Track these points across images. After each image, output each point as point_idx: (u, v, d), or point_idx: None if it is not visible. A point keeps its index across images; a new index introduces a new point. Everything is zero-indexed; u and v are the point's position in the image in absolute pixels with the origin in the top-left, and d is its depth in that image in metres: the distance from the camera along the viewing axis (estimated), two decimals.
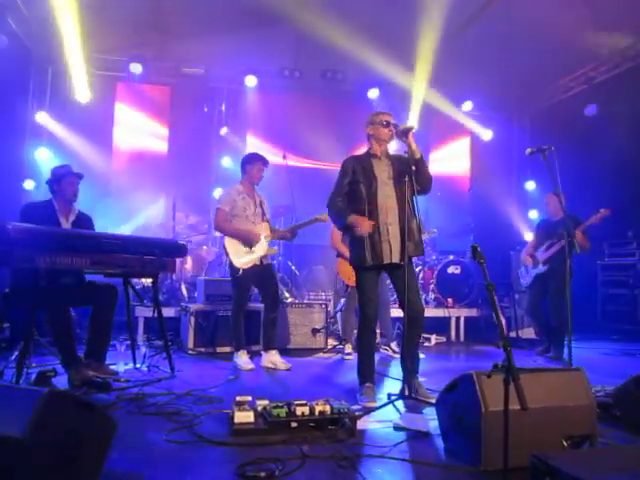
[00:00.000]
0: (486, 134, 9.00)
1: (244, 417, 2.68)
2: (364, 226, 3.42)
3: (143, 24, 7.16)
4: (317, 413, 2.71)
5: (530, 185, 8.99)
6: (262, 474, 2.15)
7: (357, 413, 2.90)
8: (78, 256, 3.56)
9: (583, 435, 2.37)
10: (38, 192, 7.04)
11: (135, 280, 4.94)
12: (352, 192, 3.57)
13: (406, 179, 3.39)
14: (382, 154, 3.61)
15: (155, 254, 3.96)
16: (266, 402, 2.83)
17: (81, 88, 7.37)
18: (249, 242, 4.56)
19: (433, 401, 3.12)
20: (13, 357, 4.23)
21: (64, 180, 4.13)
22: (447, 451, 2.51)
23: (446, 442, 2.56)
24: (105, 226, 5.72)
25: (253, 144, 8.34)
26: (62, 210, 4.14)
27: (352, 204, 3.56)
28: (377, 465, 2.33)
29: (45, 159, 7.32)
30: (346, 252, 4.85)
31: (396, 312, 5.59)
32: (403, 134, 3.41)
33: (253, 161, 4.73)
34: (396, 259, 3.48)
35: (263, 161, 4.74)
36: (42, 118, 7.43)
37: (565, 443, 2.32)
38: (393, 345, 5.44)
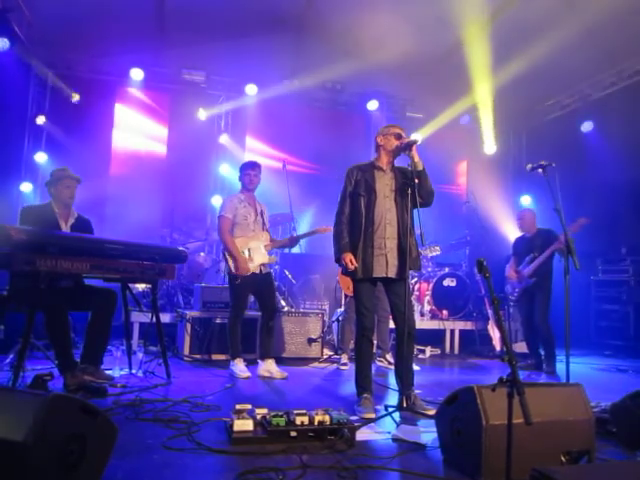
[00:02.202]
0: (490, 148, 8.96)
1: (243, 425, 2.68)
2: (349, 268, 3.48)
3: (144, 29, 7.21)
4: (317, 423, 2.71)
5: (525, 200, 9.05)
6: None
7: (356, 424, 2.90)
8: (78, 260, 3.56)
9: (581, 450, 2.38)
10: (35, 195, 7.03)
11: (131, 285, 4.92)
12: (351, 204, 3.61)
13: (408, 192, 3.41)
14: (387, 166, 3.62)
15: (155, 260, 3.96)
16: (265, 411, 2.82)
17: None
18: (237, 265, 4.52)
19: (431, 413, 3.14)
20: (8, 360, 4.21)
21: (60, 183, 4.12)
22: (446, 463, 2.51)
23: (445, 454, 2.56)
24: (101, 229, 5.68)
25: (252, 151, 8.36)
26: (61, 213, 4.13)
27: (350, 215, 3.60)
28: (378, 476, 2.33)
29: (43, 162, 7.30)
30: None
31: (391, 323, 5.59)
32: (407, 147, 3.44)
33: (241, 169, 4.83)
34: (392, 273, 3.50)
35: (249, 165, 4.78)
36: (41, 121, 7.41)
37: (564, 458, 2.34)
38: (388, 357, 5.44)
